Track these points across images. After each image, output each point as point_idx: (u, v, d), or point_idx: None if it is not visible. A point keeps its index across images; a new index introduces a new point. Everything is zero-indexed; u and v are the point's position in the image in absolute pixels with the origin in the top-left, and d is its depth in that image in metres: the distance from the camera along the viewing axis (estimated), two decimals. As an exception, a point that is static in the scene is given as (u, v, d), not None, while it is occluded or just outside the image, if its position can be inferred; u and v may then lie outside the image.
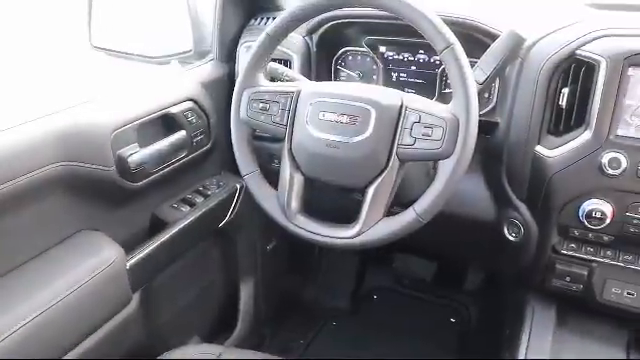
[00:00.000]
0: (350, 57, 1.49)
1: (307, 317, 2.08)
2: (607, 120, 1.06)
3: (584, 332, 1.24)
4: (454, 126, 0.95)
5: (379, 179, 1.01)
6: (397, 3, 0.99)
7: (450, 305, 2.05)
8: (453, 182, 0.96)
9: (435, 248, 1.81)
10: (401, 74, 1.43)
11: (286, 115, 1.10)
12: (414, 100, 1.01)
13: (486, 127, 1.27)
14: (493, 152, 1.26)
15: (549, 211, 1.16)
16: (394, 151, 1.00)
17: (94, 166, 1.15)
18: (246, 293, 1.79)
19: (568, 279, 1.19)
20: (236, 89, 1.15)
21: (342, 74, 1.51)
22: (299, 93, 1.10)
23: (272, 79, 1.29)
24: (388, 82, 1.45)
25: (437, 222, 1.35)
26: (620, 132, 1.07)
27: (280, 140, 1.12)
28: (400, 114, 1.00)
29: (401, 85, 1.44)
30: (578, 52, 1.09)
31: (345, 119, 1.03)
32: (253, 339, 1.85)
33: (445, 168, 0.96)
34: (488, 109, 1.32)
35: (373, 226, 1.02)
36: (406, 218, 1.00)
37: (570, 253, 1.19)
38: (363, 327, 2.04)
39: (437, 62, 1.37)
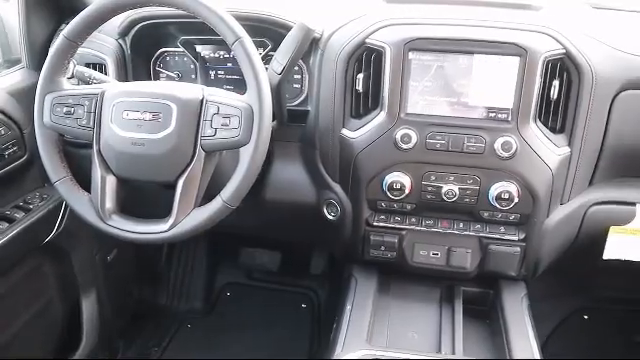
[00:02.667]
0: (168, 58, 1.50)
1: (161, 323, 2.06)
2: (397, 100, 1.18)
3: (403, 294, 1.36)
4: (249, 114, 1.01)
5: (187, 171, 1.05)
6: (188, 1, 1.03)
7: (299, 292, 2.13)
8: (254, 167, 1.02)
9: (272, 237, 1.88)
10: (219, 72, 1.47)
11: (92, 117, 1.10)
12: (213, 93, 1.07)
13: (300, 116, 1.36)
14: (308, 139, 1.35)
15: (358, 188, 1.26)
16: (198, 143, 1.05)
17: None
18: (89, 308, 1.73)
19: (383, 248, 1.31)
20: (37, 95, 1.13)
21: (162, 75, 1.52)
22: (103, 94, 1.10)
23: (87, 83, 1.28)
24: (207, 80, 1.48)
25: (265, 210, 1.42)
26: (409, 110, 1.19)
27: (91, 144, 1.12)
28: (201, 107, 1.05)
29: (219, 82, 1.48)
30: (367, 41, 1.20)
31: (148, 116, 1.05)
32: (102, 353, 1.80)
33: (245, 155, 1.02)
34: (301, 99, 1.40)
35: (185, 217, 1.05)
36: (214, 206, 1.05)
37: (381, 224, 1.30)
38: (219, 325, 2.06)
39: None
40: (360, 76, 1.21)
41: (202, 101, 1.05)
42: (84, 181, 1.16)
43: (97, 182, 1.10)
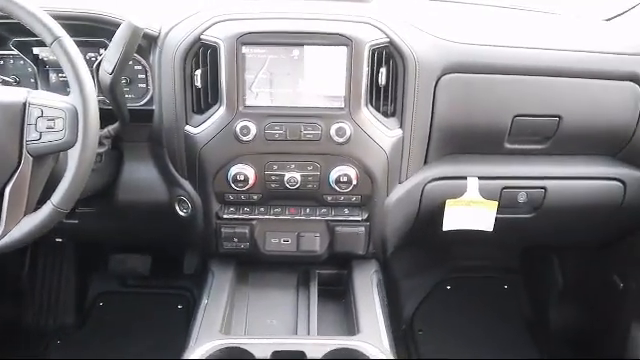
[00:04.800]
0: (2, 62, 1.43)
1: (28, 343, 1.96)
2: (234, 94, 1.21)
3: (261, 283, 1.40)
4: (73, 116, 1.00)
5: (14, 178, 1.02)
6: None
7: (174, 293, 2.11)
8: (82, 168, 1.01)
9: (133, 240, 1.85)
10: (60, 74, 1.42)
11: None
12: (37, 95, 1.04)
13: (147, 115, 1.35)
14: (155, 137, 1.35)
15: (205, 182, 1.28)
16: (24, 148, 1.01)
17: None
18: None
19: (235, 240, 1.34)
20: None
21: (-3, 80, 1.44)
22: None
23: None
24: (48, 84, 1.42)
25: (120, 213, 1.40)
26: (247, 103, 1.23)
27: None
28: (24, 111, 1.02)
29: (63, 86, 1.42)
30: (202, 37, 1.22)
31: None
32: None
33: (72, 157, 1.00)
34: (147, 98, 1.39)
35: (15, 226, 1.02)
36: (45, 212, 1.02)
37: (231, 216, 1.33)
38: (92, 338, 2.00)
39: (93, 59, 1.38)
40: (198, 72, 1.23)
41: (25, 104, 1.02)
42: None
43: None
